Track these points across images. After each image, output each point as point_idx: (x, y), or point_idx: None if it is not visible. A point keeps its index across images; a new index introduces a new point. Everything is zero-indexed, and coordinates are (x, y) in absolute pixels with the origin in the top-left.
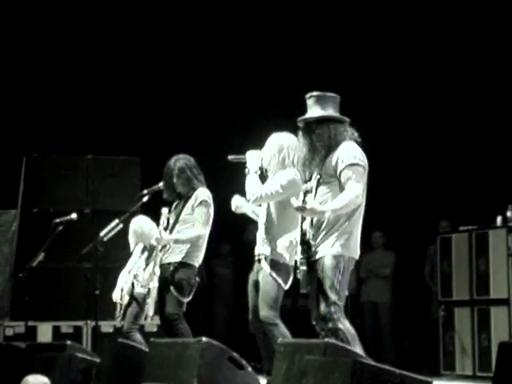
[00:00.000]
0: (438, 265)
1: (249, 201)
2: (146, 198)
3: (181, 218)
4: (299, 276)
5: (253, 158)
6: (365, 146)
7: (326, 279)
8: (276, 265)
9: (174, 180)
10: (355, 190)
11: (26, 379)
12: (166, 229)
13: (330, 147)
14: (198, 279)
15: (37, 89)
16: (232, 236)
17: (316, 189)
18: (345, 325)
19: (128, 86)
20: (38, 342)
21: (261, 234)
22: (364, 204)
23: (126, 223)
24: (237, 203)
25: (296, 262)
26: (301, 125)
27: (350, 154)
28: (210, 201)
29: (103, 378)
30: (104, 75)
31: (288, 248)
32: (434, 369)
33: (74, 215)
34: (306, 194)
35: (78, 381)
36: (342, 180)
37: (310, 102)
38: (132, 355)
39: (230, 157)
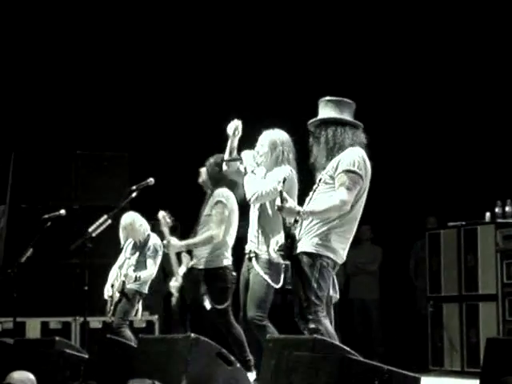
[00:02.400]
0: (426, 261)
1: (249, 200)
2: (134, 194)
3: (201, 219)
4: (283, 270)
5: (248, 158)
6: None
7: (304, 277)
8: (267, 264)
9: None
10: (343, 197)
11: (11, 375)
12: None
13: (334, 150)
14: (233, 274)
15: (25, 84)
16: None
17: (317, 188)
18: (323, 325)
19: (117, 81)
20: (27, 338)
21: (253, 232)
22: (360, 211)
23: (115, 219)
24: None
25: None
26: (311, 128)
27: (350, 160)
28: (228, 201)
29: (92, 374)
30: (93, 71)
31: (275, 249)
32: (422, 364)
33: (62, 211)
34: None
35: (66, 377)
36: (336, 184)
37: (321, 106)
38: (121, 351)
39: (226, 158)
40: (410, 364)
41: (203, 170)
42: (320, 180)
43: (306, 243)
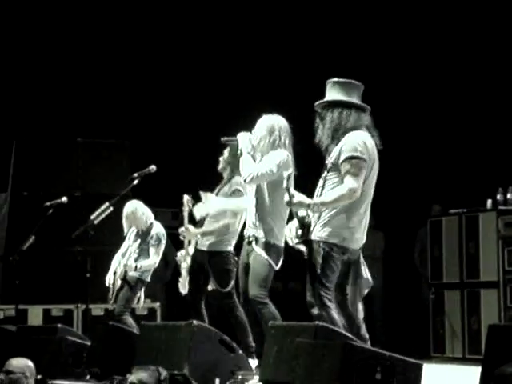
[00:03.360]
0: (428, 248)
1: (245, 180)
2: (136, 181)
3: None
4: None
5: (245, 140)
6: None
7: (310, 264)
8: (267, 245)
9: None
10: (350, 185)
11: (10, 362)
12: (190, 220)
13: (339, 132)
14: (235, 259)
15: (27, 73)
16: None
17: (325, 176)
18: (328, 312)
19: (119, 69)
20: (29, 325)
21: (251, 216)
22: (369, 193)
23: (117, 206)
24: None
25: (287, 242)
26: (317, 109)
27: (351, 145)
28: (244, 190)
29: (94, 361)
30: (95, 59)
31: (292, 239)
32: (424, 351)
33: (64, 198)
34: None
35: (68, 364)
36: (341, 172)
37: (329, 86)
38: (123, 338)
39: (223, 138)
40: (412, 351)
41: (222, 159)
42: (327, 167)
43: (315, 231)
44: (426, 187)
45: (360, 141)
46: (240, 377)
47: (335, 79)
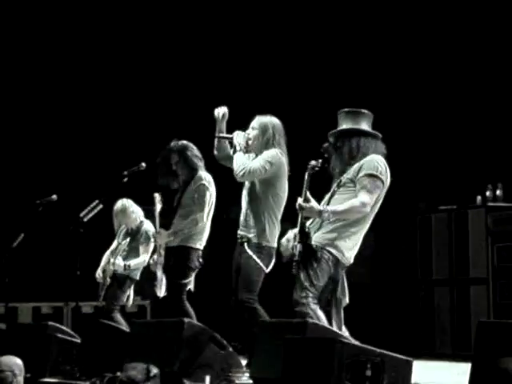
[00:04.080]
0: (417, 244)
1: (236, 175)
2: (125, 179)
3: (182, 201)
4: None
5: (240, 138)
6: None
7: (304, 265)
8: (259, 247)
9: (173, 163)
10: (364, 199)
11: None
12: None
13: (356, 157)
14: (200, 261)
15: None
16: (213, 216)
17: (335, 190)
18: (313, 310)
19: (110, 67)
20: (19, 323)
21: (244, 216)
22: (371, 216)
23: (106, 204)
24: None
25: (279, 245)
26: (330, 138)
27: (372, 165)
28: (209, 184)
29: (84, 359)
30: (87, 59)
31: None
32: (413, 347)
33: (54, 196)
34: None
35: (58, 361)
36: (357, 187)
37: (341, 117)
38: (113, 336)
39: (218, 135)
40: (402, 347)
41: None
42: (340, 182)
43: (316, 237)
44: (414, 185)
45: (381, 163)
46: (230, 374)
47: (347, 109)
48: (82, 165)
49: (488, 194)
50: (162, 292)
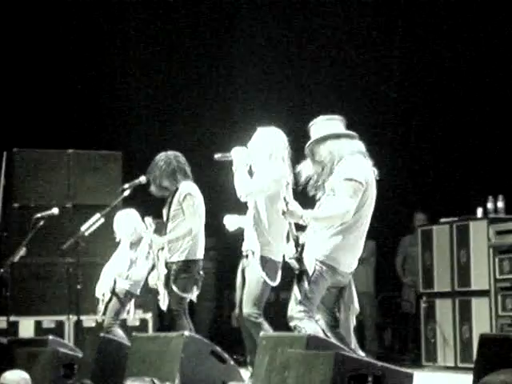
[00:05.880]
0: (419, 257)
1: (240, 197)
2: (127, 192)
3: (171, 214)
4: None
5: (239, 155)
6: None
7: (300, 278)
8: (264, 261)
9: (158, 174)
10: (344, 205)
11: (4, 375)
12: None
13: (334, 162)
14: (201, 273)
15: (16, 83)
16: (215, 230)
17: (323, 199)
18: (307, 325)
19: (110, 79)
20: (20, 338)
21: (248, 230)
22: (366, 220)
23: (108, 217)
24: (229, 222)
25: (284, 256)
26: (307, 152)
27: (348, 169)
28: (195, 193)
29: (86, 373)
30: (85, 69)
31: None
32: (415, 360)
33: (55, 210)
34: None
35: (60, 376)
36: (336, 193)
37: (312, 130)
38: (114, 350)
39: (217, 156)
40: (404, 360)
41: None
42: (325, 192)
43: (310, 248)
44: (414, 196)
45: (356, 164)
46: None
47: (316, 120)
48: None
49: (489, 205)
50: (165, 305)
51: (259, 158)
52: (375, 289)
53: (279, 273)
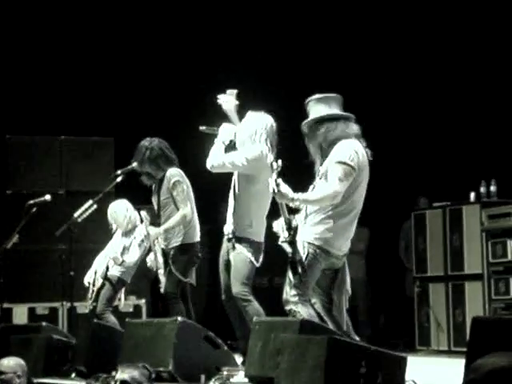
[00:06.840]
0: (412, 241)
1: (209, 166)
2: (119, 179)
3: (161, 203)
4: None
5: (225, 131)
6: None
7: (293, 262)
8: (246, 242)
9: (140, 160)
10: (334, 188)
11: (1, 362)
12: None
13: (331, 143)
14: (199, 255)
15: (8, 70)
16: (208, 216)
17: (317, 182)
18: (302, 309)
19: (101, 65)
20: (14, 324)
21: (229, 212)
22: (359, 204)
23: (100, 204)
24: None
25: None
26: (305, 129)
27: (342, 151)
28: (183, 178)
29: (79, 359)
30: (78, 55)
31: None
32: (409, 344)
33: (47, 196)
34: (278, 175)
35: (54, 362)
36: (329, 175)
37: (309, 106)
38: (108, 336)
39: (202, 127)
40: (397, 344)
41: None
42: (319, 173)
43: (301, 232)
44: (410, 181)
45: (350, 148)
46: (225, 373)
47: (313, 97)
48: (76, 163)
49: (482, 190)
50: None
51: (240, 138)
52: (366, 273)
53: (262, 253)
